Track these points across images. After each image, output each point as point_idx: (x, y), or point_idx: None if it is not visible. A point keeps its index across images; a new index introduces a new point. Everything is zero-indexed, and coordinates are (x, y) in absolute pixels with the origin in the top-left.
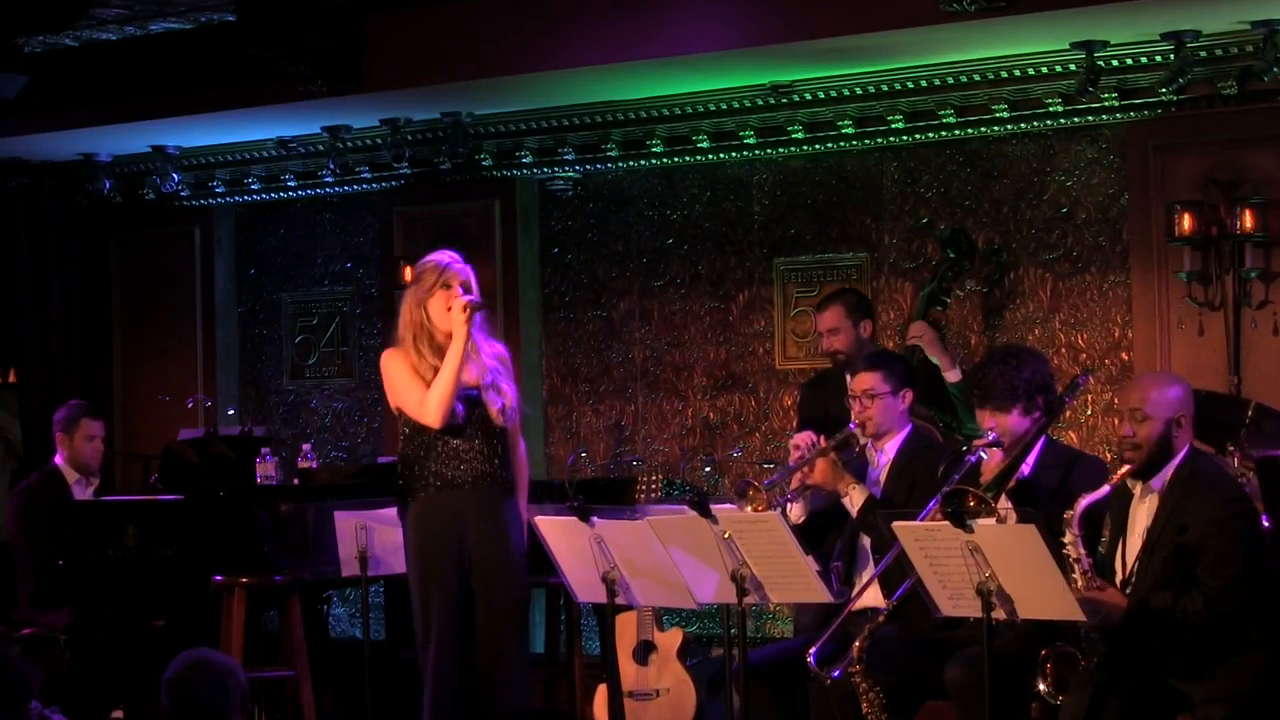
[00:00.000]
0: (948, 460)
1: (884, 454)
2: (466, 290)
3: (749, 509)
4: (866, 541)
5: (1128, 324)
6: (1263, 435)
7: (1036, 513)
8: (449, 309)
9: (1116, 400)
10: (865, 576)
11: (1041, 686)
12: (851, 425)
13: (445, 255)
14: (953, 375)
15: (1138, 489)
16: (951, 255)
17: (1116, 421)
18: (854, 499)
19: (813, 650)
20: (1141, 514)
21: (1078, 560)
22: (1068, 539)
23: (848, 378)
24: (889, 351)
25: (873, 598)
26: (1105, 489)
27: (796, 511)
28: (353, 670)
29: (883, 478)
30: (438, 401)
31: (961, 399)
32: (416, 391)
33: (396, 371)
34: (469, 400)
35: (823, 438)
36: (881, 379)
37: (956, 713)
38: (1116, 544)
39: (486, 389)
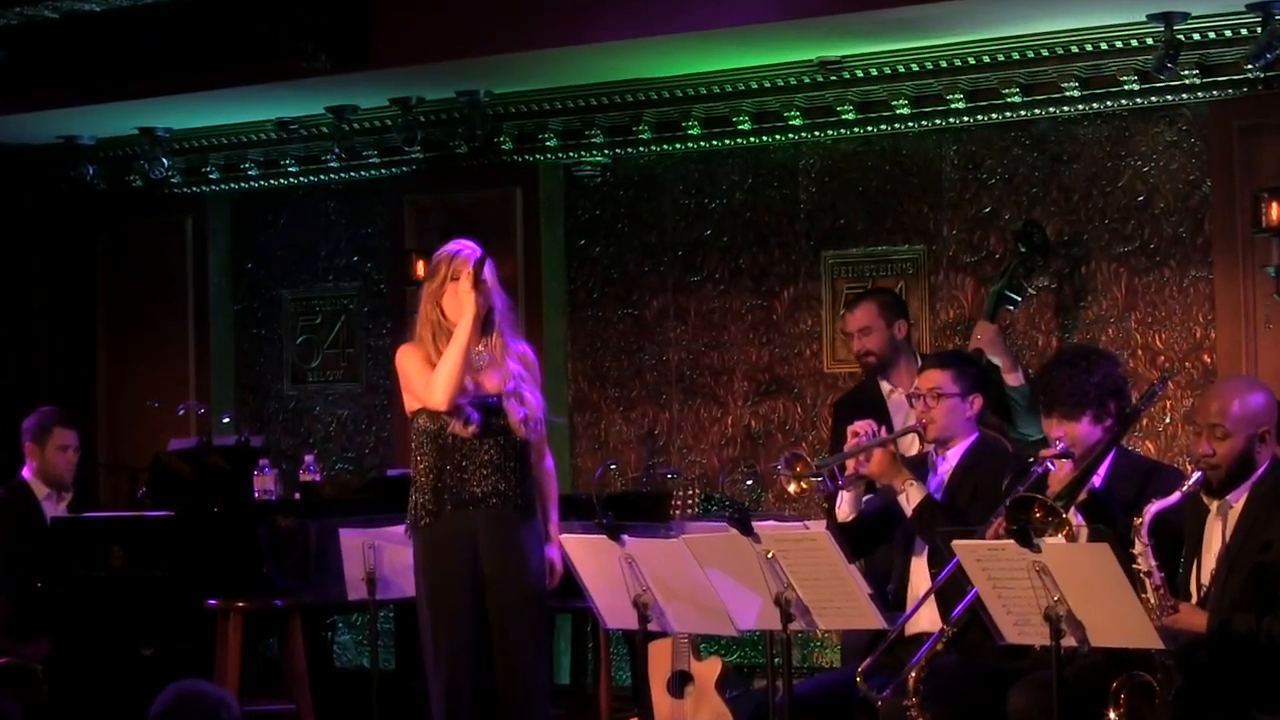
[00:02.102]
0: (1012, 472)
1: (946, 461)
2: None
3: (793, 486)
4: (922, 563)
5: (1210, 323)
6: None
7: (1109, 530)
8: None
9: (1193, 412)
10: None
11: (1113, 718)
12: (916, 424)
13: (457, 244)
14: (1014, 378)
15: (1214, 505)
16: (1023, 250)
17: (1192, 434)
18: (911, 496)
19: (863, 667)
20: (1217, 530)
21: (1148, 574)
22: (1137, 549)
23: (884, 387)
24: (962, 352)
25: (928, 620)
26: (1176, 495)
27: (845, 509)
28: (360, 703)
29: (943, 486)
30: (445, 377)
31: (1023, 404)
32: (426, 377)
33: (409, 364)
34: (487, 408)
35: (883, 429)
36: (951, 379)
37: None
38: (1192, 561)
39: (508, 396)
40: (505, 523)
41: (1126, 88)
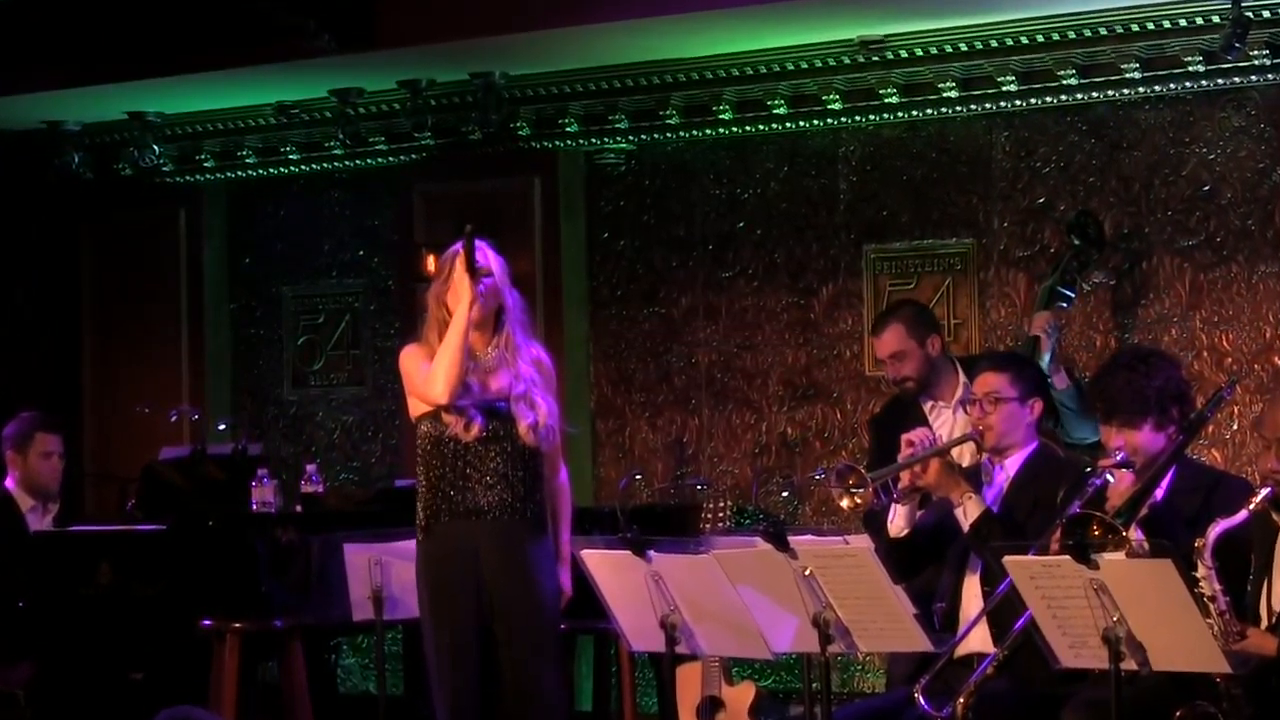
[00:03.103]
0: (1068, 484)
1: (1004, 471)
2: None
3: (846, 501)
4: (974, 582)
5: None
6: None
7: (1172, 545)
8: None
9: (1261, 423)
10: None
11: None
12: (972, 431)
13: (482, 241)
14: (1059, 379)
15: None
16: (1077, 243)
17: (1260, 447)
18: (969, 511)
19: (921, 683)
20: None
21: (1213, 598)
22: (1201, 572)
23: (926, 405)
24: (1019, 353)
25: (980, 641)
26: (1243, 514)
27: (899, 522)
28: None
29: (1000, 498)
30: (443, 368)
31: (1072, 406)
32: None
33: (411, 364)
34: (492, 412)
35: (939, 436)
36: (1009, 382)
37: None
38: (1261, 582)
39: (517, 401)
40: (511, 537)
41: (1191, 69)
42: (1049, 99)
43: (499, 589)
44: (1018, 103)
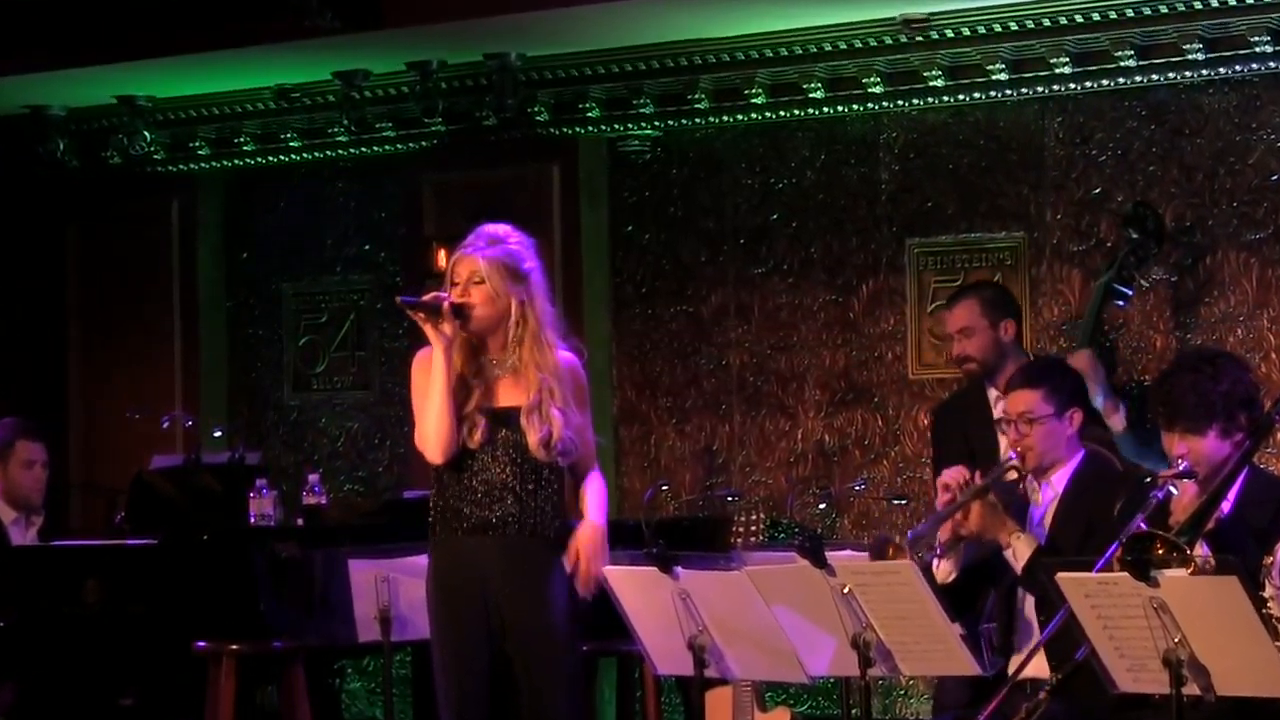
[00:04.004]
0: (1127, 496)
1: (1050, 489)
2: (465, 278)
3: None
4: (1030, 601)
5: None
6: None
7: (1239, 561)
8: None
9: None
10: (1027, 641)
11: None
12: (1011, 455)
13: (479, 234)
14: (1116, 420)
15: None
16: (1134, 236)
17: None
18: (1019, 551)
19: (984, 716)
20: None
21: None
22: (1269, 592)
23: (990, 394)
24: (1051, 360)
25: (1036, 667)
26: None
27: (945, 569)
28: None
29: (1049, 519)
30: (430, 431)
31: (1132, 452)
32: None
33: (417, 379)
34: (502, 419)
35: (977, 474)
36: (1042, 398)
37: None
38: None
39: (528, 413)
40: (521, 555)
41: (1258, 50)
42: (1105, 82)
43: (510, 611)
44: (1072, 86)
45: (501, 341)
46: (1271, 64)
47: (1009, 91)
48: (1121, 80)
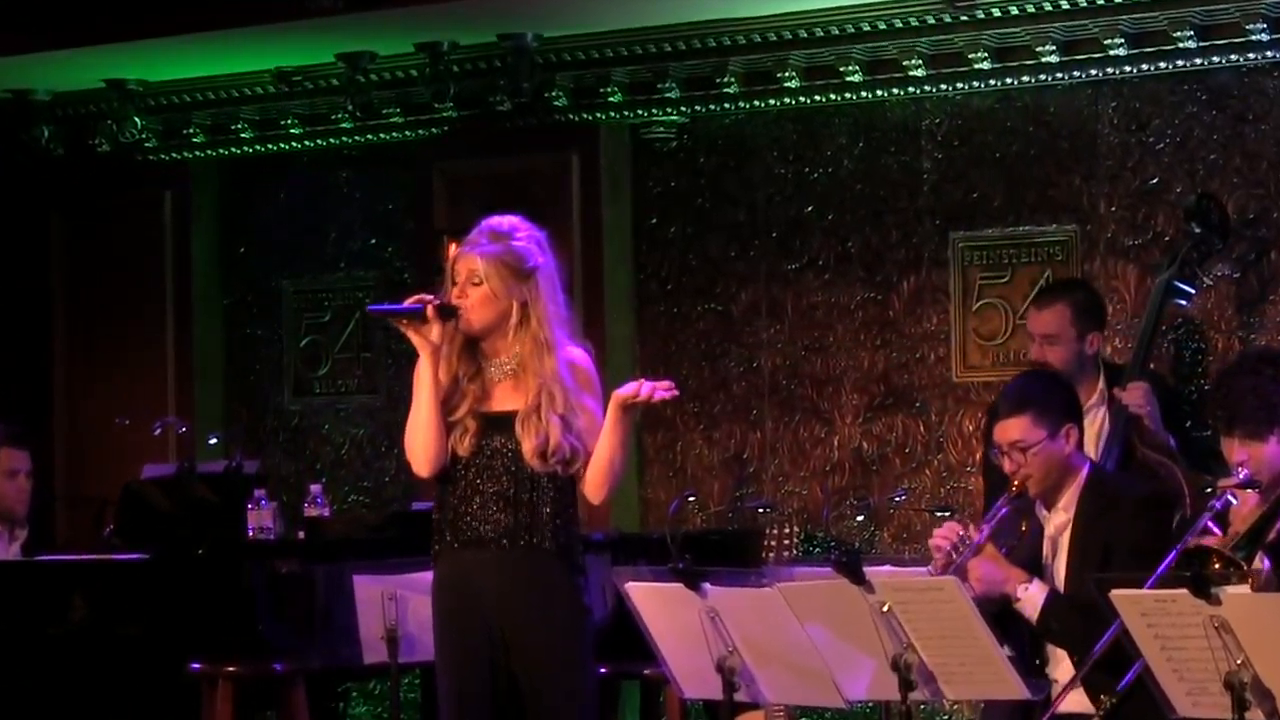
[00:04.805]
0: (1135, 505)
1: (1060, 514)
2: (463, 277)
3: (886, 607)
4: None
5: None
6: None
7: None
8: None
9: None
10: (1060, 663)
11: None
12: (1011, 490)
13: (486, 225)
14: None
15: None
16: (1196, 230)
17: None
18: (1030, 601)
19: None
20: None
21: None
22: None
23: None
24: (1032, 378)
25: (1078, 702)
26: None
27: None
28: None
29: (1064, 548)
30: (418, 446)
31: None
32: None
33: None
34: (496, 423)
35: (970, 528)
36: (1030, 423)
37: None
38: None
39: (525, 418)
40: (521, 570)
41: None
42: (1163, 64)
43: (512, 630)
44: (1127, 69)
45: (502, 343)
46: None
47: (1060, 75)
48: (1180, 63)
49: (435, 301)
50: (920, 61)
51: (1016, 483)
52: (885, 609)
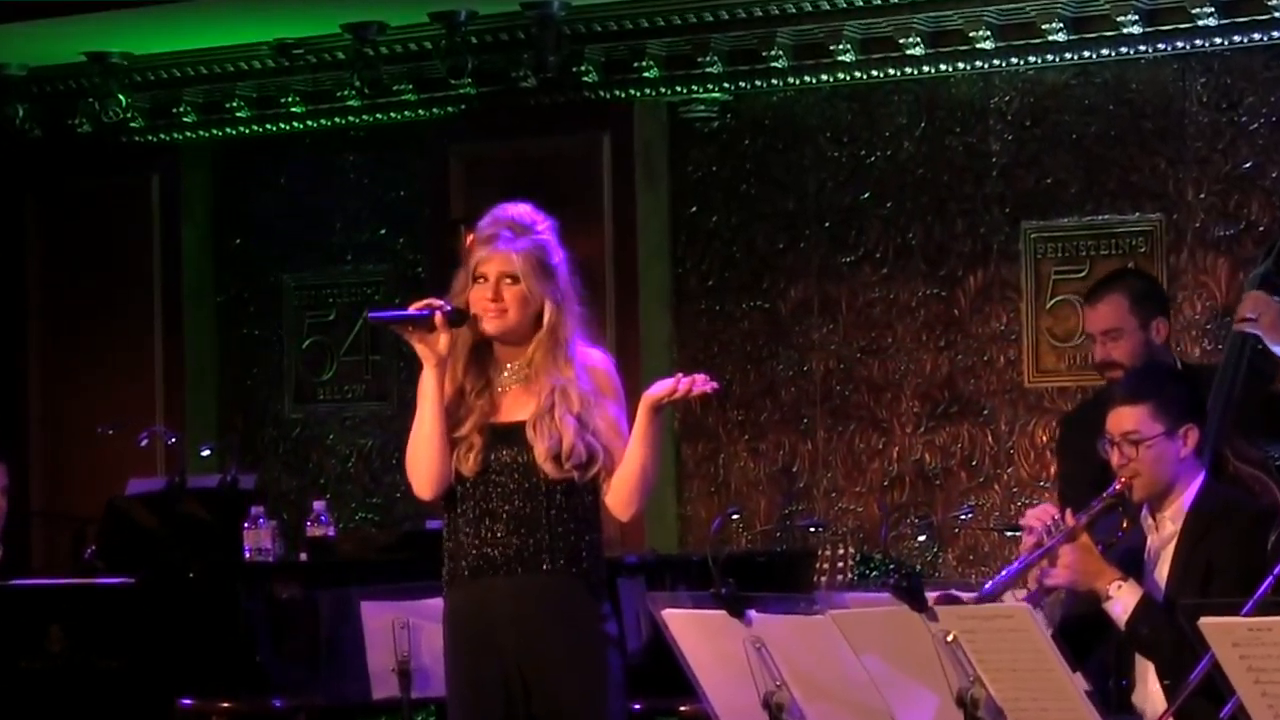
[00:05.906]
0: (1247, 523)
1: (1167, 525)
2: (495, 276)
3: (950, 637)
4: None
5: None
6: None
7: None
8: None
9: None
10: (1149, 686)
11: None
12: (1116, 485)
13: (504, 212)
14: None
15: None
16: None
17: None
18: (1121, 601)
19: None
20: None
21: None
22: None
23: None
24: (1159, 368)
25: None
26: None
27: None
28: None
29: (1166, 561)
30: (417, 470)
31: None
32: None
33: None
34: (501, 435)
35: (1068, 513)
36: (1149, 414)
37: None
38: None
39: (536, 421)
40: (540, 597)
41: None
42: (1258, 36)
43: (531, 668)
44: (1217, 41)
45: (520, 348)
46: None
47: (1143, 47)
48: (1276, 34)
49: (444, 307)
50: (988, 32)
51: (1122, 479)
52: (949, 639)
